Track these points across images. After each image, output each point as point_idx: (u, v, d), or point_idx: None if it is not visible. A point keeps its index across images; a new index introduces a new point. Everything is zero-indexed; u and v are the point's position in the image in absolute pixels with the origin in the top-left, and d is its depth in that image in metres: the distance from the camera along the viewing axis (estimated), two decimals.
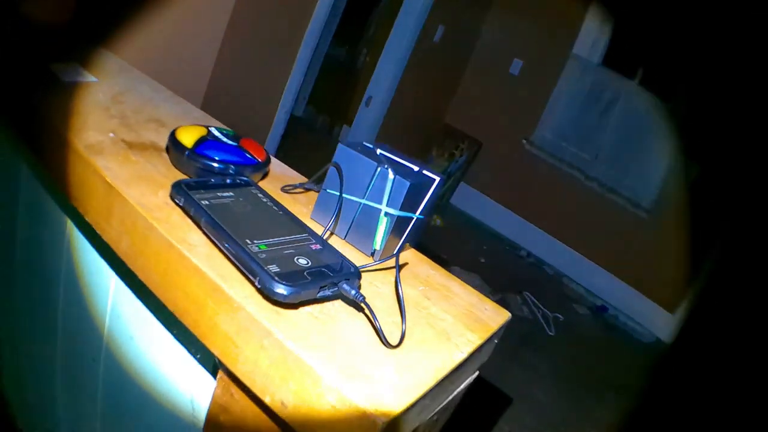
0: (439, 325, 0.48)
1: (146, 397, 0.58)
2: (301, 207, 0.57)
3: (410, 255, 0.56)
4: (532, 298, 2.88)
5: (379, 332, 0.42)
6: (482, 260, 3.11)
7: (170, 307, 0.45)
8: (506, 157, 3.50)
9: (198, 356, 0.50)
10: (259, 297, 0.41)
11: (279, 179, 0.61)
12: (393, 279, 0.50)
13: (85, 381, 0.66)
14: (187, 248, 0.43)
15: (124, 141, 0.56)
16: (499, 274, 3.02)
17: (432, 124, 3.63)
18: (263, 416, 0.44)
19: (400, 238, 0.54)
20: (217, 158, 0.53)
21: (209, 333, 0.43)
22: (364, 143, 0.55)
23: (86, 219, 0.52)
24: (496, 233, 3.47)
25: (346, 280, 0.43)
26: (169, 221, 0.46)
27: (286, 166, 0.66)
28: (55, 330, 0.69)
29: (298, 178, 0.64)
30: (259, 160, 0.56)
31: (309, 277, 0.41)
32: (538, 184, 3.43)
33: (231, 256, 0.42)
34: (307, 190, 0.60)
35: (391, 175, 0.49)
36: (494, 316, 0.53)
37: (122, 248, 0.49)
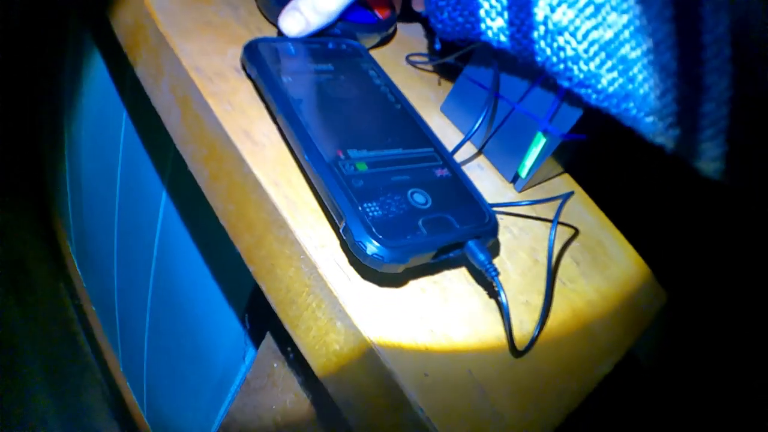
0: (584, 313, 0.31)
1: (200, 290, 0.48)
2: (429, 90, 0.38)
3: (561, 184, 0.39)
4: None
5: (508, 333, 0.27)
6: None
7: (220, 219, 0.32)
8: None
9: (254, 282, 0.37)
10: (340, 249, 0.26)
11: (406, 44, 0.41)
12: (535, 225, 0.34)
13: (140, 250, 0.57)
14: (249, 149, 0.28)
15: None
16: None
17: None
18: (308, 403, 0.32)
19: (561, 165, 0.36)
20: None
21: (265, 275, 0.29)
22: None
23: (135, 70, 0.38)
24: None
25: (475, 236, 0.27)
26: (233, 100, 0.30)
27: (421, 26, 0.46)
28: (114, 196, 0.59)
29: (418, 34, 0.44)
30: (380, 17, 0.36)
31: (425, 230, 0.24)
32: None
33: (311, 177, 0.26)
34: (437, 61, 0.41)
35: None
36: (650, 299, 0.36)
37: (171, 122, 0.34)
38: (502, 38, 0.29)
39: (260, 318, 0.38)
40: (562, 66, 0.27)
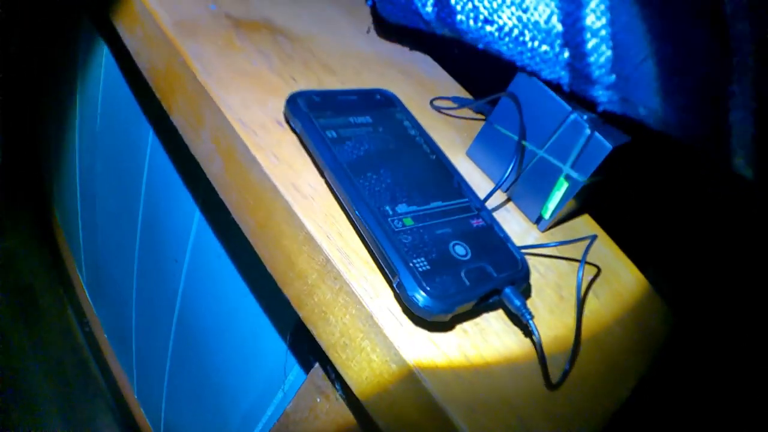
0: (606, 343, 0.35)
1: (229, 324, 0.51)
2: (454, 134, 0.41)
3: (580, 222, 0.42)
4: None
5: (543, 369, 0.30)
6: None
7: (267, 267, 0.34)
8: None
9: (297, 321, 0.40)
10: (393, 297, 0.29)
11: (429, 87, 0.45)
12: (559, 263, 0.37)
13: (164, 280, 0.59)
14: (299, 202, 0.31)
15: (229, 17, 0.42)
16: None
17: None
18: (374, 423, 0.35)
19: (578, 204, 0.39)
20: None
21: (317, 321, 0.32)
22: None
23: (171, 118, 0.41)
24: None
25: (511, 283, 0.30)
26: (278, 152, 0.33)
27: (437, 66, 0.49)
28: (135, 223, 0.61)
29: (449, 83, 0.48)
30: None
31: (467, 282, 0.28)
32: None
33: (363, 233, 0.29)
34: (462, 106, 0.45)
35: (587, 131, 0.34)
36: (660, 324, 0.40)
37: (212, 171, 0.37)
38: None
39: (303, 349, 0.41)
40: (471, 5, 0.35)
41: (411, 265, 0.27)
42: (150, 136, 0.55)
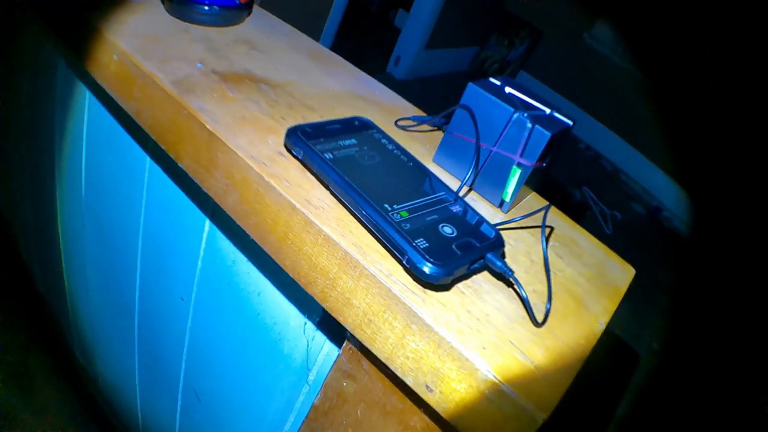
0: (575, 291, 0.46)
1: (243, 346, 0.59)
2: (420, 147, 0.52)
3: (534, 200, 0.54)
4: (591, 194, 2.94)
5: (529, 311, 0.40)
6: None
7: (291, 274, 0.43)
8: (567, 48, 3.65)
9: (317, 320, 0.49)
10: (403, 273, 0.38)
11: (390, 111, 0.55)
12: (524, 234, 0.48)
13: (170, 321, 0.67)
14: (314, 212, 0.41)
15: (215, 72, 0.51)
16: (558, 167, 3.05)
17: (492, 10, 3.81)
18: (395, 389, 0.44)
19: (530, 187, 0.51)
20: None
21: (341, 308, 0.41)
22: (490, 79, 0.50)
23: (179, 164, 0.50)
24: None
25: (491, 250, 0.41)
26: (288, 177, 0.43)
27: (394, 94, 0.61)
28: (134, 274, 0.69)
29: (406, 106, 0.59)
30: (241, 1, 0.61)
31: (459, 251, 0.38)
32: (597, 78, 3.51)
33: (371, 227, 0.38)
34: (421, 123, 0.56)
35: (529, 124, 0.46)
36: (622, 275, 0.51)
37: (229, 203, 0.46)
38: None
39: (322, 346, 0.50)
40: None
41: (414, 244, 0.37)
42: (146, 177, 0.64)
